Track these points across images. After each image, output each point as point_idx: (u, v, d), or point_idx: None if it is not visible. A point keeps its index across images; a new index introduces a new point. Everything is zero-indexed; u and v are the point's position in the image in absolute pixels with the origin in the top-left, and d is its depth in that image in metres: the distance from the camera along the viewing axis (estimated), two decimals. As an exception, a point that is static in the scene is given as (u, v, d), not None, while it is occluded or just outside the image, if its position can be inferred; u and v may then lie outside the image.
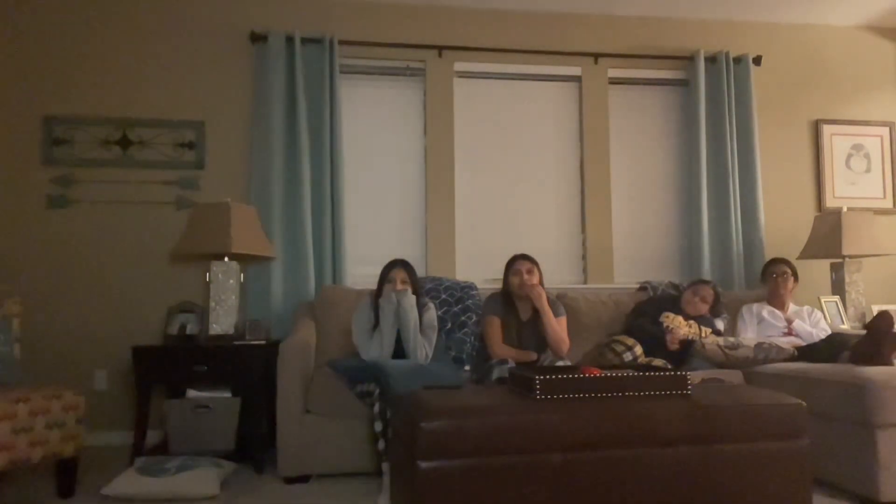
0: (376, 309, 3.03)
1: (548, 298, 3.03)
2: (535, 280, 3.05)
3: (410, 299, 2.98)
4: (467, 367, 3.27)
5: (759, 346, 3.22)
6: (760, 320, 3.57)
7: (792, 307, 3.64)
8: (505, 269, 3.16)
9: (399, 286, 3.02)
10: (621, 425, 1.94)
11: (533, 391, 2.02)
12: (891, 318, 2.82)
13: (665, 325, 3.40)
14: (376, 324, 3.00)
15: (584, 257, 4.24)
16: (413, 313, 2.97)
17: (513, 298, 3.10)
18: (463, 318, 3.50)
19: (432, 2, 4.15)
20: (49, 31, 3.83)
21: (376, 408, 2.61)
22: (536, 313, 3.04)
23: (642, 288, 3.93)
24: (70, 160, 3.78)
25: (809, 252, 4.03)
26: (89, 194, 3.78)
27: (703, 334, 3.39)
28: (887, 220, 4.50)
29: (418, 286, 3.12)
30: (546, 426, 1.90)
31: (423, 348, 2.98)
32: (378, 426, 2.58)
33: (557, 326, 3.00)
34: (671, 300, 3.61)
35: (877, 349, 2.76)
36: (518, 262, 3.10)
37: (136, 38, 3.90)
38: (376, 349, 2.94)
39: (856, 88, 4.58)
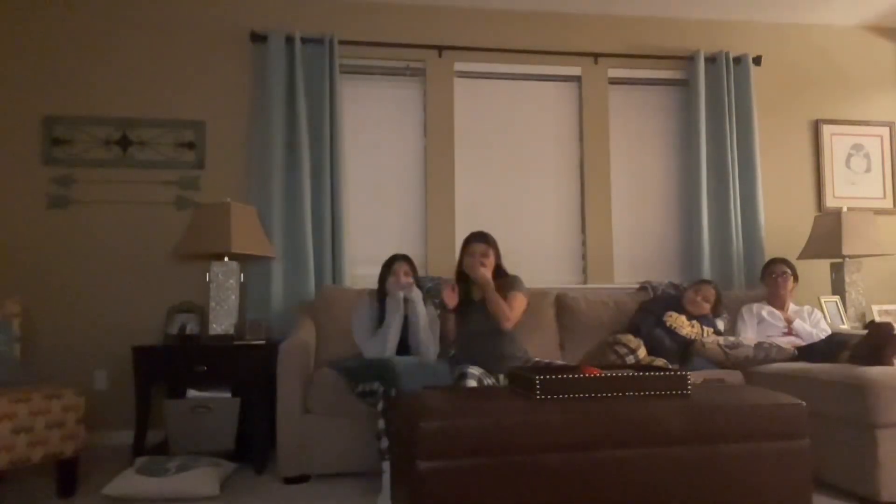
0: (381, 303, 3.01)
1: (505, 275, 2.94)
2: (491, 262, 2.93)
3: (418, 293, 2.98)
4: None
5: (759, 345, 3.22)
6: (760, 320, 3.57)
7: (792, 307, 3.64)
8: (461, 250, 3.02)
9: (401, 277, 3.03)
10: (621, 425, 1.94)
11: (533, 391, 2.02)
12: (890, 324, 2.83)
13: (668, 324, 3.41)
14: (380, 321, 3.00)
15: (584, 257, 4.24)
16: (422, 307, 2.97)
17: (467, 279, 2.97)
18: (463, 318, 3.49)
19: (432, 2, 4.15)
20: (49, 31, 3.83)
21: (381, 405, 2.59)
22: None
23: (642, 288, 3.93)
24: (70, 160, 3.78)
25: (809, 252, 4.03)
26: (89, 194, 3.78)
27: (705, 334, 3.39)
28: (887, 220, 4.50)
29: (420, 281, 3.13)
30: (546, 426, 1.90)
31: (433, 343, 2.98)
32: (381, 423, 2.58)
33: (499, 301, 2.85)
34: (675, 299, 3.61)
35: (877, 350, 2.76)
36: (473, 245, 2.95)
37: (136, 39, 3.90)
38: (380, 346, 2.93)
39: (856, 88, 4.58)
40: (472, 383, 2.64)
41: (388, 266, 3.12)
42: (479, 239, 2.98)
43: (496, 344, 2.90)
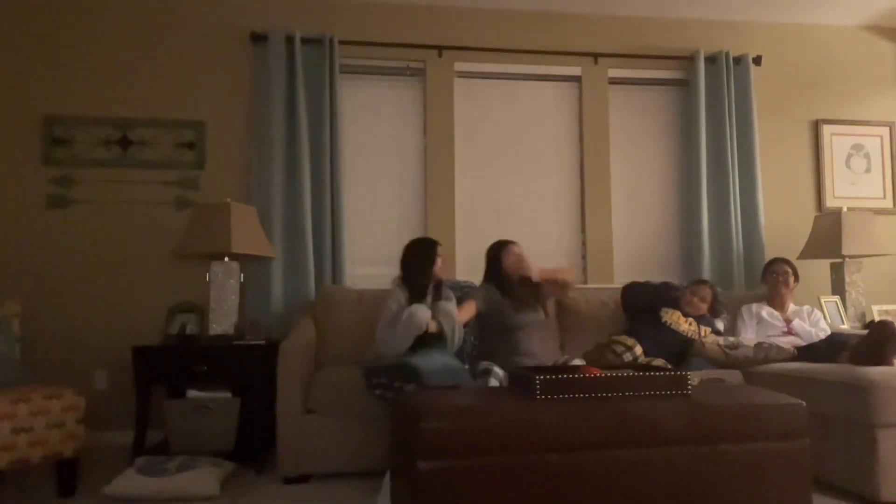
0: (411, 292, 3.00)
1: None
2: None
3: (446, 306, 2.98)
4: (467, 367, 3.27)
5: (759, 345, 3.22)
6: (759, 320, 3.57)
7: (792, 307, 3.64)
8: (494, 251, 3.27)
9: (440, 265, 3.09)
10: (621, 425, 1.94)
11: (533, 391, 2.03)
12: (891, 323, 2.83)
13: (664, 320, 3.41)
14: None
15: (584, 257, 4.24)
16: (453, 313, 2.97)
17: (506, 277, 3.22)
18: (463, 318, 3.50)
19: (432, 2, 4.15)
20: (49, 32, 3.83)
21: None
22: (525, 286, 3.20)
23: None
24: (70, 160, 3.78)
25: (809, 252, 4.03)
26: (89, 194, 3.78)
27: (703, 333, 3.39)
28: (887, 220, 4.50)
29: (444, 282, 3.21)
30: (546, 426, 1.90)
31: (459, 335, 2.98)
32: None
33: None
34: (670, 297, 3.61)
35: (877, 351, 2.76)
36: (511, 245, 3.25)
37: (136, 39, 3.90)
38: (394, 345, 2.87)
39: (856, 88, 4.58)
40: (494, 383, 2.67)
41: (431, 252, 3.07)
42: (516, 243, 3.29)
43: (541, 337, 3.19)
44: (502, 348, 3.04)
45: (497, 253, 3.27)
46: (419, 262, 3.06)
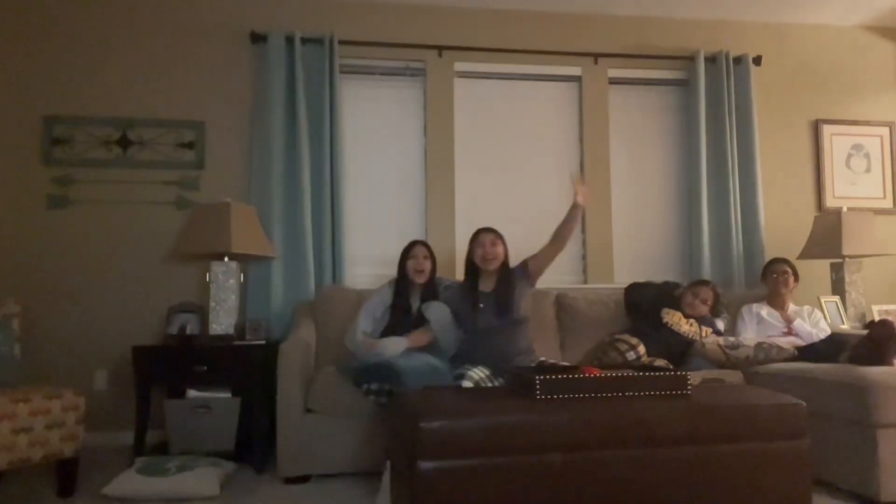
0: (397, 289, 3.12)
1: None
2: (500, 251, 3.04)
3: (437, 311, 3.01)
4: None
5: (759, 345, 3.22)
6: (760, 320, 3.58)
7: (792, 307, 3.64)
8: (469, 244, 3.11)
9: (421, 261, 3.12)
10: (621, 425, 1.94)
11: (533, 391, 2.03)
12: (891, 322, 2.83)
13: (665, 321, 3.41)
14: (392, 308, 3.09)
15: (584, 257, 4.24)
16: (440, 322, 2.99)
17: (476, 272, 3.08)
18: (462, 318, 3.49)
19: (432, 2, 4.15)
20: (49, 31, 3.83)
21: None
22: (499, 283, 3.01)
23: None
24: (70, 160, 3.78)
25: (809, 252, 4.03)
26: (89, 194, 3.78)
27: (704, 334, 3.39)
28: (887, 220, 4.49)
29: (435, 264, 3.22)
30: (546, 426, 1.90)
31: (453, 341, 3.01)
32: None
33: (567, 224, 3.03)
34: (670, 296, 3.61)
35: (877, 351, 2.76)
36: (482, 235, 3.06)
37: (136, 39, 3.90)
38: (360, 348, 2.98)
39: (856, 88, 4.58)
40: (468, 384, 2.65)
41: (407, 251, 3.17)
42: (488, 230, 3.09)
43: (508, 337, 2.94)
44: (475, 353, 2.91)
45: (470, 246, 3.10)
46: (400, 263, 3.19)
